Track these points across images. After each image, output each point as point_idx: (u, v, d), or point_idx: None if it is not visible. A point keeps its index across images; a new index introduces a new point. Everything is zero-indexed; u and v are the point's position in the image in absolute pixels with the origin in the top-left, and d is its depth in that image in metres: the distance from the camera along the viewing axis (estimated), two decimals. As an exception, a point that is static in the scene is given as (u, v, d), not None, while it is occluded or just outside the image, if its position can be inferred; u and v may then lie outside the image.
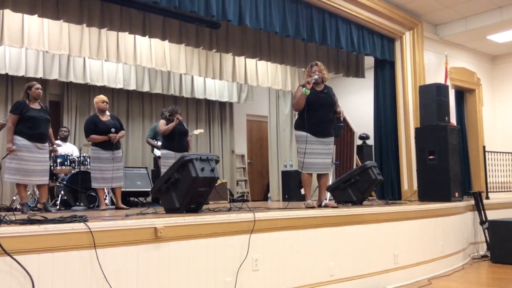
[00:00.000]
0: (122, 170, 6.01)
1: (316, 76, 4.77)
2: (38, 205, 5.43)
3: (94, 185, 5.82)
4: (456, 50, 9.13)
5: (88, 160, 6.76)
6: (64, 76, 7.70)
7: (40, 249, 2.64)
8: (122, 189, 6.13)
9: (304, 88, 4.69)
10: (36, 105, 5.15)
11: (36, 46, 6.43)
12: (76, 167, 6.62)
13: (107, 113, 5.98)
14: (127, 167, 7.59)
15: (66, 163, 6.57)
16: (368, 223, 4.66)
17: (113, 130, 5.81)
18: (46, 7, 5.61)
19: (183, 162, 3.87)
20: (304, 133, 4.74)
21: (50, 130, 5.42)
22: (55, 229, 2.72)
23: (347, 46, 7.24)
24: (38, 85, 5.19)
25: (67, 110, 8.36)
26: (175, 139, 6.26)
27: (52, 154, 6.20)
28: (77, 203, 6.24)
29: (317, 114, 4.75)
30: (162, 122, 6.47)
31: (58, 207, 6.15)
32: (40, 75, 7.40)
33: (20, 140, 4.95)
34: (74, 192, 6.38)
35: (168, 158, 6.12)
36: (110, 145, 5.80)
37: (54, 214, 4.29)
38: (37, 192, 6.02)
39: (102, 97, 6.02)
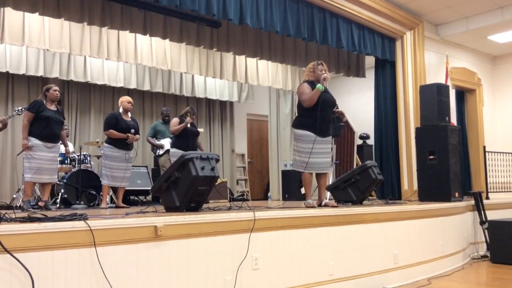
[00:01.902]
0: (130, 170, 6.07)
1: (326, 75, 4.80)
2: (39, 203, 5.44)
3: (103, 182, 5.85)
4: (456, 50, 9.13)
5: (88, 158, 6.77)
6: (65, 75, 7.70)
7: (40, 247, 2.64)
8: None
9: (319, 84, 4.69)
10: (52, 107, 5.27)
11: (36, 44, 6.43)
12: (76, 165, 6.62)
13: (129, 114, 6.04)
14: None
15: (66, 161, 6.58)
16: (368, 223, 4.66)
17: (132, 131, 5.91)
18: (47, 5, 5.61)
19: (183, 161, 3.88)
20: (309, 133, 4.71)
21: (64, 132, 5.56)
22: (55, 227, 2.72)
23: (348, 46, 7.23)
24: (56, 87, 5.32)
25: (67, 109, 8.35)
26: (187, 139, 6.32)
27: None
28: (77, 201, 6.24)
29: (323, 113, 4.75)
30: (175, 120, 6.51)
31: (58, 205, 6.16)
32: (40, 73, 7.41)
33: (32, 140, 5.05)
34: (74, 190, 6.39)
35: (177, 157, 6.13)
36: (124, 145, 5.87)
37: (54, 212, 4.30)
38: (37, 191, 6.04)
39: (128, 98, 6.16)
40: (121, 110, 6.02)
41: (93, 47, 6.80)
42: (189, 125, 6.39)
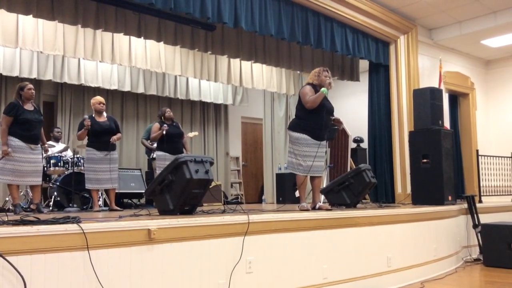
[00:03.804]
0: (116, 171, 5.99)
1: (330, 80, 4.90)
2: (31, 206, 5.40)
3: (87, 186, 5.81)
4: (450, 55, 9.18)
5: (82, 161, 6.74)
6: (59, 77, 7.67)
7: (32, 250, 2.62)
8: (116, 191, 6.11)
9: (324, 88, 4.76)
10: (29, 106, 5.11)
11: (30, 47, 6.41)
12: (69, 168, 6.59)
13: (104, 114, 5.98)
14: (121, 168, 7.54)
15: (59, 164, 6.54)
16: (362, 226, 4.67)
17: (85, 116, 5.82)
18: (41, 8, 5.59)
19: (177, 164, 3.87)
20: (307, 137, 4.78)
21: (41, 130, 5.40)
22: (47, 230, 2.70)
23: (342, 50, 7.26)
24: (30, 86, 5.14)
25: (61, 111, 8.33)
26: (168, 142, 6.28)
27: (45, 155, 6.17)
28: (70, 204, 6.21)
29: (321, 118, 4.83)
30: (156, 126, 6.44)
31: (51, 208, 6.12)
32: (34, 75, 7.37)
33: (15, 141, 4.92)
34: (67, 193, 6.36)
35: (162, 160, 6.13)
36: (105, 146, 5.79)
37: (46, 215, 4.27)
38: (30, 193, 5.99)
39: (98, 98, 6.02)
40: (94, 113, 5.96)
41: (87, 49, 6.78)
42: (164, 132, 6.27)
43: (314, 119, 4.77)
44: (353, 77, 8.70)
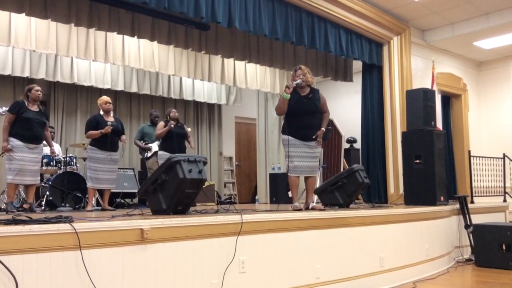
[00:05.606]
0: (116, 172, 6.00)
1: (298, 81, 4.78)
2: (24, 205, 5.38)
3: (88, 184, 5.79)
4: (443, 56, 9.23)
5: (74, 160, 6.72)
6: (51, 76, 7.63)
7: (24, 250, 2.61)
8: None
9: (284, 93, 4.72)
10: (34, 107, 5.22)
11: (23, 45, 6.36)
12: (61, 167, 6.56)
13: (111, 114, 5.98)
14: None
15: (51, 163, 6.51)
16: (355, 226, 4.68)
17: (109, 123, 5.81)
18: (33, 6, 5.56)
19: (170, 164, 3.86)
20: (285, 137, 4.83)
21: (47, 133, 5.52)
22: (40, 229, 2.69)
23: (336, 50, 7.27)
24: (38, 87, 5.27)
25: (53, 110, 8.28)
26: (173, 142, 6.30)
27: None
28: (63, 204, 6.18)
29: (300, 119, 4.80)
30: (161, 124, 6.57)
31: (43, 207, 6.09)
32: (26, 74, 7.33)
33: (13, 141, 5.01)
34: (60, 193, 6.32)
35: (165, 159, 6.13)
36: (108, 147, 5.79)
37: (39, 214, 4.25)
38: (22, 192, 5.96)
39: (105, 98, 6.05)
40: (101, 112, 5.96)
41: (80, 48, 6.75)
42: (172, 126, 6.39)
43: (293, 122, 4.80)
44: (347, 77, 8.72)
